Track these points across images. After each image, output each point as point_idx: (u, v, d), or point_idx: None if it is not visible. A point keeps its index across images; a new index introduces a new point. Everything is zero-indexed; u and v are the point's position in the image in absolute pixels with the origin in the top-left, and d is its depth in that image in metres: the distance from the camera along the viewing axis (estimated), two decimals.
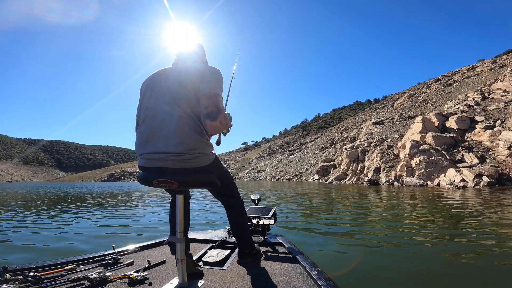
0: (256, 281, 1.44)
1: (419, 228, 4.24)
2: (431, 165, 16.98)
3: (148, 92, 1.45)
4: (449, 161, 16.76)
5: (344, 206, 7.64)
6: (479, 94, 25.85)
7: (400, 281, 2.15)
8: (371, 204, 7.90)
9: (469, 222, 4.59)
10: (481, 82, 34.69)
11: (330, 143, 49.40)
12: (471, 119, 20.20)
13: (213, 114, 1.28)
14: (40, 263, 1.62)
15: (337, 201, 8.99)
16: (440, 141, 18.62)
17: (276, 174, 52.20)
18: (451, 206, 6.76)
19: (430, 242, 3.38)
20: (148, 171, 1.37)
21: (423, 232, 3.94)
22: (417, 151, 18.21)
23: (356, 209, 6.97)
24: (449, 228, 4.17)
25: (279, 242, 2.09)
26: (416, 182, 16.79)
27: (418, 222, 4.78)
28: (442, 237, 3.66)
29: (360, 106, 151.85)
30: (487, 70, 44.04)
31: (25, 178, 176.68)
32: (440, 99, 36.98)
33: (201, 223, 4.94)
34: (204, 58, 1.60)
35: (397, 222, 4.87)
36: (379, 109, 63.96)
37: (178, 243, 1.30)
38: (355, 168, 25.99)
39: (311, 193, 13.20)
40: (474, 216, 5.28)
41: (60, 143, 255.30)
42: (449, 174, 15.73)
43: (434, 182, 16.25)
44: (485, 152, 16.96)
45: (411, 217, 5.32)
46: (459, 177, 14.95)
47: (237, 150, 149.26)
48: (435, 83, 56.45)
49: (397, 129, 29.96)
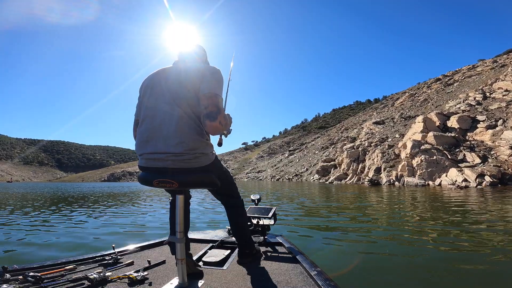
0: (256, 281, 1.44)
1: (420, 227, 4.19)
2: (432, 165, 16.83)
3: (148, 92, 1.44)
4: (450, 161, 16.61)
5: (345, 205, 7.56)
6: (481, 94, 25.70)
7: (400, 281, 2.14)
8: (372, 204, 7.81)
9: (472, 222, 4.50)
10: (482, 81, 34.57)
11: (330, 143, 49.32)
12: (473, 118, 20.05)
13: (212, 114, 1.27)
14: (40, 263, 1.62)
15: (338, 201, 8.86)
16: (442, 141, 18.46)
17: (276, 174, 52.11)
18: (453, 206, 6.63)
19: (431, 242, 3.34)
20: (148, 171, 1.37)
21: (424, 231, 3.89)
22: (418, 150, 18.07)
23: (356, 208, 6.88)
24: (451, 228, 4.10)
25: (279, 242, 2.10)
26: (418, 182, 16.64)
27: (419, 221, 4.72)
28: (443, 236, 3.60)
29: (360, 106, 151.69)
30: (487, 69, 43.90)
31: (25, 178, 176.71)
32: (441, 99, 36.83)
33: (201, 222, 4.93)
34: (205, 58, 1.60)
35: (398, 222, 4.82)
36: (379, 109, 63.86)
37: (178, 243, 1.30)
38: (356, 168, 25.86)
39: (311, 193, 13.06)
40: (477, 215, 5.17)
41: (60, 143, 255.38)
42: (451, 174, 15.58)
43: (435, 182, 16.10)
44: (487, 151, 16.80)
45: (412, 217, 5.26)
46: (461, 177, 14.80)
47: (237, 150, 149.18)
48: (435, 82, 56.33)
49: (398, 129, 29.83)
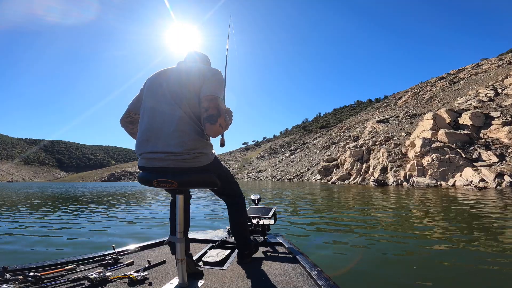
0: (256, 281, 1.42)
1: (428, 229, 4.06)
2: (445, 164, 15.60)
3: (149, 92, 1.44)
4: (465, 160, 15.38)
5: (347, 206, 7.38)
6: (492, 90, 24.47)
7: (400, 281, 2.13)
8: (378, 205, 7.43)
9: (486, 224, 4.20)
10: (491, 78, 33.45)
11: (332, 142, 48.54)
12: (486, 115, 18.78)
13: (213, 117, 1.28)
14: (40, 263, 1.60)
15: (341, 202, 8.22)
16: (454, 139, 17.19)
17: (277, 174, 51.31)
18: (473, 208, 6.05)
19: (432, 242, 3.30)
20: (148, 171, 1.36)
21: (429, 232, 3.79)
22: (429, 149, 16.83)
23: (360, 210, 6.52)
24: (462, 230, 3.87)
25: (279, 242, 2.07)
26: (429, 183, 15.41)
27: (428, 222, 4.60)
28: (445, 237, 3.50)
29: (361, 106, 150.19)
30: (494, 67, 42.83)
31: (26, 178, 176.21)
32: (448, 96, 35.69)
33: (201, 222, 4.95)
34: (207, 60, 1.60)
35: (405, 223, 4.71)
36: (381, 108, 62.89)
37: (178, 243, 1.29)
38: (360, 167, 24.70)
39: (313, 193, 12.07)
40: (501, 219, 4.68)
41: (61, 143, 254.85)
42: (466, 174, 14.36)
43: (449, 183, 14.87)
44: (504, 149, 15.55)
45: (421, 218, 5.07)
46: (478, 177, 13.58)
47: (238, 150, 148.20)
48: (439, 81, 55.14)
49: (404, 127, 28.72)
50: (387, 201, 8.38)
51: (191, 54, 1.54)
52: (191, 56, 1.53)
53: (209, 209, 6.74)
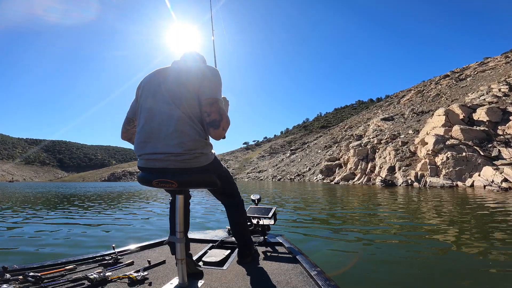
0: (256, 281, 1.42)
1: (433, 229, 3.97)
2: (461, 163, 14.23)
3: (146, 93, 1.41)
4: (483, 158, 14.00)
5: (350, 207, 7.11)
6: (506, 85, 23.08)
7: (400, 281, 2.09)
8: (384, 206, 7.04)
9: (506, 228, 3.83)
10: (501, 74, 32.08)
11: (334, 141, 47.41)
12: (503, 110, 17.40)
13: (216, 122, 1.29)
14: (40, 263, 1.60)
15: (343, 204, 7.57)
16: (470, 135, 15.79)
17: (278, 174, 50.13)
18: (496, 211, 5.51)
19: (434, 243, 3.22)
20: (148, 171, 1.36)
21: (435, 233, 3.65)
22: (443, 146, 15.46)
23: (365, 211, 6.29)
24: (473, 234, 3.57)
25: (279, 242, 2.06)
26: (444, 183, 14.04)
27: (433, 222, 4.54)
28: (449, 239, 3.35)
29: (362, 105, 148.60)
30: (502, 64, 41.48)
31: (27, 178, 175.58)
32: (456, 93, 34.32)
33: (200, 222, 4.88)
34: (203, 59, 1.59)
35: (410, 224, 4.56)
36: (384, 106, 61.61)
37: (178, 243, 1.30)
38: (365, 167, 23.36)
39: (315, 194, 10.80)
40: None
41: (62, 143, 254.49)
42: (486, 173, 12.99)
43: (466, 183, 13.51)
44: None
45: (430, 218, 4.98)
46: (500, 177, 12.21)
47: (238, 150, 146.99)
48: (444, 79, 53.81)
49: (411, 125, 27.38)
50: (396, 202, 7.77)
51: (191, 53, 1.51)
52: (191, 55, 1.50)
53: (209, 209, 6.65)
